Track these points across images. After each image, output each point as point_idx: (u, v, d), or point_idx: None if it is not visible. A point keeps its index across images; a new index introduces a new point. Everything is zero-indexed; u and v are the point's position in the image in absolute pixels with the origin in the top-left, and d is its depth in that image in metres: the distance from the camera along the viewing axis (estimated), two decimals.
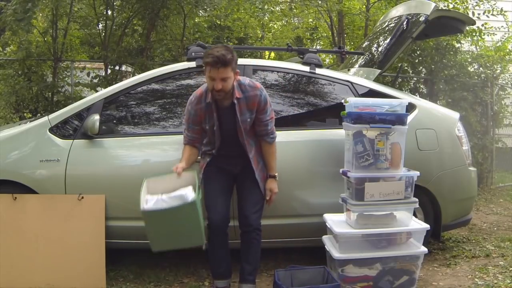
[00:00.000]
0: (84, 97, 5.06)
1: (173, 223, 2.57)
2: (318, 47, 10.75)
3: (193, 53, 3.49)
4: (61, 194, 3.11)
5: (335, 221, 3.02)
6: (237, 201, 2.98)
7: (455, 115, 3.74)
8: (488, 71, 7.14)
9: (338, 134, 3.25)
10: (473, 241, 4.19)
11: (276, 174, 2.98)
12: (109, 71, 6.44)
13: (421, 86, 7.22)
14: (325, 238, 3.09)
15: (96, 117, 3.15)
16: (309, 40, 11.67)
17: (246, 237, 2.88)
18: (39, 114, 5.76)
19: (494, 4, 7.05)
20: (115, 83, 4.24)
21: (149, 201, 2.65)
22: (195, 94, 2.90)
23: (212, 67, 2.67)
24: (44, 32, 6.36)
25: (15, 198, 3.04)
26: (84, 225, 3.05)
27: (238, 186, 2.99)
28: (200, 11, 6.82)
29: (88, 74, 6.58)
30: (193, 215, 2.56)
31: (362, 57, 4.48)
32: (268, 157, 2.99)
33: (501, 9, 6.97)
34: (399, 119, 2.97)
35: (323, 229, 3.07)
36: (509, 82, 7.89)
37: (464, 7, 7.06)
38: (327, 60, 10.12)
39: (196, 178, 2.75)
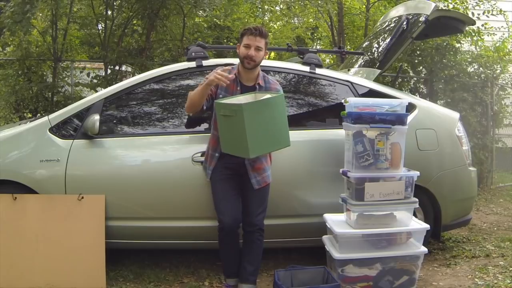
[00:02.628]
0: (84, 97, 5.06)
1: (268, 120, 2.63)
2: (318, 47, 10.76)
3: (193, 53, 3.49)
4: (61, 194, 3.11)
5: (335, 221, 3.02)
6: (241, 201, 2.97)
7: (455, 115, 3.74)
8: (488, 71, 7.14)
9: (338, 134, 3.25)
10: (473, 241, 4.19)
11: None
12: (109, 71, 6.44)
13: (421, 86, 7.22)
14: (325, 238, 3.09)
15: (96, 117, 3.15)
16: (309, 40, 11.67)
17: (250, 237, 2.89)
18: (39, 114, 5.76)
19: (495, 4, 7.05)
20: (115, 83, 4.24)
21: (242, 100, 2.75)
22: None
23: (250, 34, 2.85)
24: (44, 32, 6.36)
25: (15, 198, 3.04)
26: (84, 225, 3.05)
27: (243, 186, 2.97)
28: (200, 11, 6.81)
29: (88, 74, 6.58)
30: (282, 109, 2.71)
31: (362, 57, 4.48)
32: None
33: (500, 10, 6.97)
34: (399, 119, 2.97)
35: (323, 229, 3.07)
36: (509, 82, 7.89)
37: (464, 7, 7.06)
38: (327, 60, 10.11)
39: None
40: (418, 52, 6.92)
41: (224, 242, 2.87)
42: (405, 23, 3.98)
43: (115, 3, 6.63)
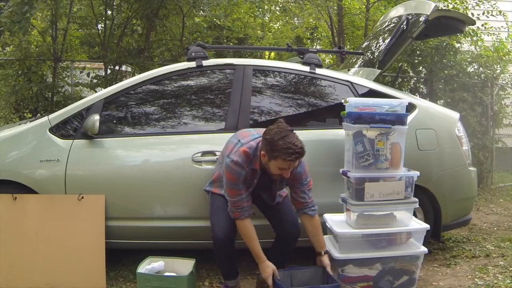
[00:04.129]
0: (84, 97, 5.06)
1: None
2: (318, 47, 10.76)
3: (193, 53, 3.49)
4: (61, 194, 3.11)
5: (335, 221, 3.02)
6: (269, 217, 3.00)
7: (455, 115, 3.74)
8: (488, 71, 7.14)
9: (338, 134, 3.25)
10: (473, 241, 4.19)
11: (327, 250, 2.88)
12: (108, 71, 6.44)
13: (421, 86, 7.22)
14: (325, 238, 3.08)
15: (96, 117, 3.15)
16: (309, 40, 11.68)
17: (284, 243, 2.93)
18: (39, 114, 5.76)
19: (495, 4, 7.06)
20: (115, 83, 4.24)
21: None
22: (242, 156, 2.68)
23: (294, 162, 2.57)
24: (44, 32, 6.36)
25: (15, 198, 3.04)
26: (84, 225, 3.05)
27: (264, 209, 2.99)
28: (200, 11, 6.81)
29: (88, 74, 6.58)
30: None
31: (362, 57, 4.48)
32: (315, 233, 2.84)
33: (500, 11, 6.98)
34: (399, 119, 2.97)
35: (323, 229, 3.07)
36: (509, 82, 7.89)
37: (464, 7, 7.06)
38: (327, 60, 10.12)
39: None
40: (418, 52, 6.92)
41: (218, 252, 2.82)
42: (405, 23, 3.98)
43: (114, 3, 6.63)
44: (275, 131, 2.57)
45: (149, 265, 2.90)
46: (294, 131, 2.61)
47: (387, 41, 4.14)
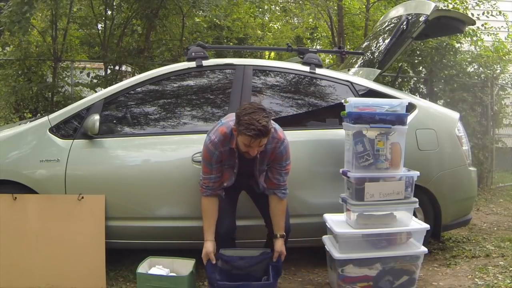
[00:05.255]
0: (84, 97, 5.06)
1: None
2: (318, 47, 10.76)
3: (193, 53, 3.49)
4: (61, 194, 3.11)
5: (335, 221, 3.02)
6: (260, 210, 3.00)
7: (455, 115, 3.74)
8: (488, 71, 7.14)
9: (338, 134, 3.25)
10: (473, 241, 4.19)
11: (284, 234, 2.85)
12: (108, 71, 6.44)
13: (421, 86, 7.23)
14: (325, 238, 3.09)
15: (96, 117, 3.15)
16: (309, 40, 11.68)
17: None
18: (39, 114, 5.76)
19: (495, 4, 7.06)
20: (115, 83, 4.24)
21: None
22: (219, 135, 2.72)
23: (253, 139, 2.54)
24: (44, 32, 6.36)
25: (15, 198, 3.04)
26: (84, 225, 3.05)
27: (256, 199, 3.00)
28: (199, 11, 6.81)
29: (88, 74, 6.58)
30: None
31: (362, 57, 4.48)
32: (277, 214, 2.83)
33: (500, 11, 6.98)
34: (399, 119, 2.97)
35: (323, 229, 3.07)
36: (509, 82, 7.89)
37: (464, 7, 7.06)
38: (327, 60, 10.12)
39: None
40: (418, 52, 6.92)
41: (219, 247, 2.84)
42: (405, 23, 3.98)
43: (114, 3, 6.63)
44: (245, 107, 2.62)
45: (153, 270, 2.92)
46: (266, 111, 2.62)
47: (387, 41, 4.14)
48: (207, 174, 2.78)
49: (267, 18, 10.47)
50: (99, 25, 6.99)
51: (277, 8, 9.54)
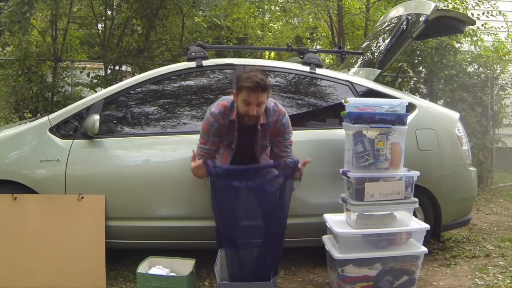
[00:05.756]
0: (84, 97, 5.06)
1: None
2: (318, 47, 10.76)
3: (193, 53, 3.49)
4: (61, 194, 3.11)
5: (335, 221, 3.02)
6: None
7: (455, 115, 3.74)
8: (488, 71, 7.14)
9: (338, 134, 3.25)
10: (473, 241, 4.19)
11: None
12: (108, 71, 6.44)
13: (421, 86, 7.23)
14: (325, 238, 3.09)
15: (96, 117, 3.15)
16: (309, 40, 11.68)
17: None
18: (39, 114, 5.76)
19: (495, 4, 7.06)
20: (115, 83, 4.24)
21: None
22: (219, 108, 2.81)
23: (252, 92, 2.62)
24: (44, 32, 6.36)
25: (15, 198, 3.04)
26: (84, 225, 3.05)
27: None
28: (199, 11, 6.81)
29: (88, 74, 6.58)
30: None
31: (362, 57, 4.48)
32: None
33: (500, 11, 6.99)
34: (399, 119, 2.97)
35: (323, 229, 3.07)
36: (509, 82, 7.89)
37: (464, 7, 7.06)
38: (327, 60, 10.12)
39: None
40: (418, 52, 6.92)
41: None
42: (405, 23, 3.98)
43: (114, 3, 6.63)
44: (246, 71, 2.77)
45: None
46: (264, 74, 2.76)
47: (387, 41, 4.14)
48: (203, 144, 2.88)
49: (267, 18, 10.47)
50: (99, 25, 6.99)
51: (277, 8, 9.53)
